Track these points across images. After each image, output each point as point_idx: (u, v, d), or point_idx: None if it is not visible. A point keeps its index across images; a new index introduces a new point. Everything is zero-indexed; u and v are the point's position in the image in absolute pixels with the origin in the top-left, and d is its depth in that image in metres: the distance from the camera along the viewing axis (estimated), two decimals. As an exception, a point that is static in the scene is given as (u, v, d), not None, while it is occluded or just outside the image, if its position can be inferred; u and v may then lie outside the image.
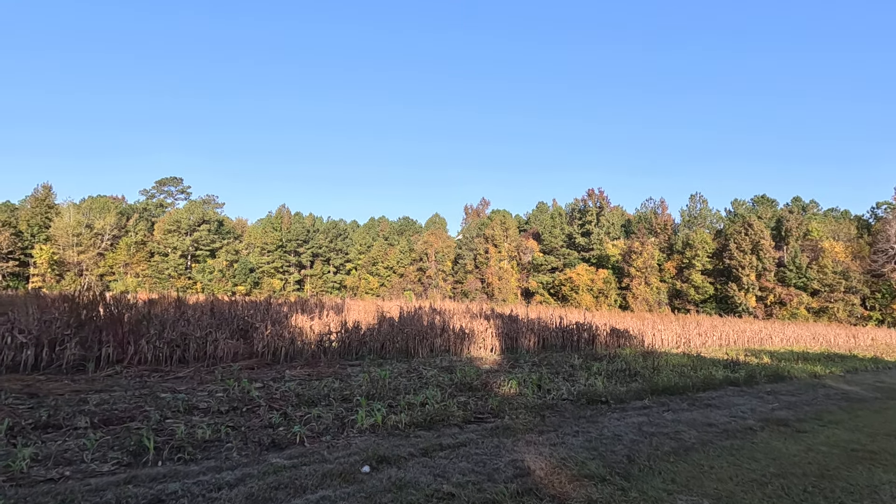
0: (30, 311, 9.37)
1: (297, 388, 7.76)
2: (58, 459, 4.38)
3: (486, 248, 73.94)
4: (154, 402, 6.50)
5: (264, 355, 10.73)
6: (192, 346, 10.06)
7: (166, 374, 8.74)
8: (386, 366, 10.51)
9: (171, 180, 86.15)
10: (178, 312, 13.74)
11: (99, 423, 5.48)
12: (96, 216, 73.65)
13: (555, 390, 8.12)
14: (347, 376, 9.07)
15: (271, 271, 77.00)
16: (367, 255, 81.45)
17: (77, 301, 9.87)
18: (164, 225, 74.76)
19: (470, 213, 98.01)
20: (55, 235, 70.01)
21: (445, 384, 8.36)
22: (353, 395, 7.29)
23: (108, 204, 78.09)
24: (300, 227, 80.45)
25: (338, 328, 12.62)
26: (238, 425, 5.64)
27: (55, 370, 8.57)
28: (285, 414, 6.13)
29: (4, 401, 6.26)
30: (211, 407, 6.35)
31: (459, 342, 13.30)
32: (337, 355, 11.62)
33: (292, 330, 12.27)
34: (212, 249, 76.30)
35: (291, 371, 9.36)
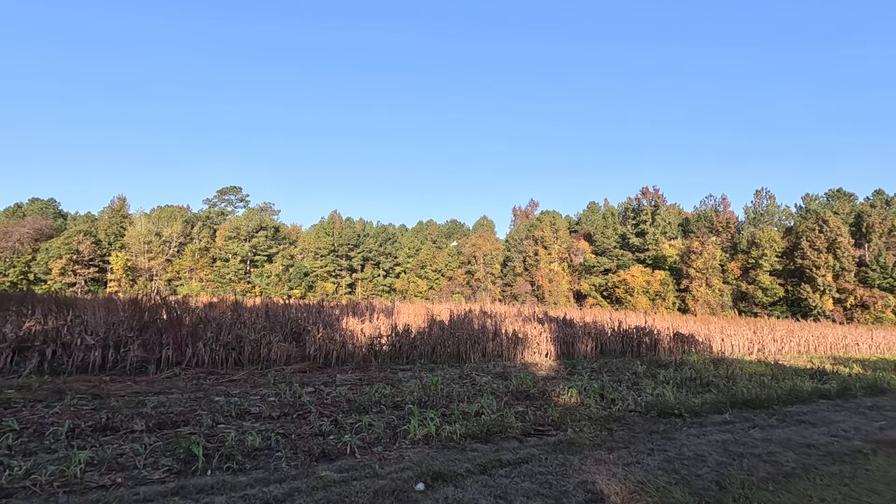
0: (98, 314, 9.76)
1: (347, 393, 7.56)
2: (111, 464, 4.32)
3: (536, 250, 72.56)
4: (207, 406, 6.47)
5: (316, 359, 10.69)
6: (246, 349, 10.15)
7: (221, 376, 8.81)
8: (437, 371, 10.19)
9: (231, 189, 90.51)
10: (234, 315, 14.06)
11: (154, 426, 5.46)
12: (164, 225, 78.44)
13: (620, 400, 7.47)
14: (398, 381, 8.81)
15: (324, 275, 79.07)
16: (416, 259, 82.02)
17: (140, 305, 10.20)
18: (224, 232, 78.57)
19: (518, 214, 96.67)
20: (129, 243, 75.20)
21: (500, 392, 7.91)
22: (405, 401, 7.00)
23: (174, 213, 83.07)
24: (351, 232, 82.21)
25: (388, 332, 12.44)
26: (288, 432, 5.46)
27: (120, 371, 8.85)
28: (336, 421, 5.91)
29: (70, 402, 6.42)
30: (262, 412, 6.23)
31: (512, 347, 12.79)
32: (388, 359, 11.43)
33: (343, 333, 12.20)
34: (269, 255, 79.38)
35: (342, 375, 9.22)
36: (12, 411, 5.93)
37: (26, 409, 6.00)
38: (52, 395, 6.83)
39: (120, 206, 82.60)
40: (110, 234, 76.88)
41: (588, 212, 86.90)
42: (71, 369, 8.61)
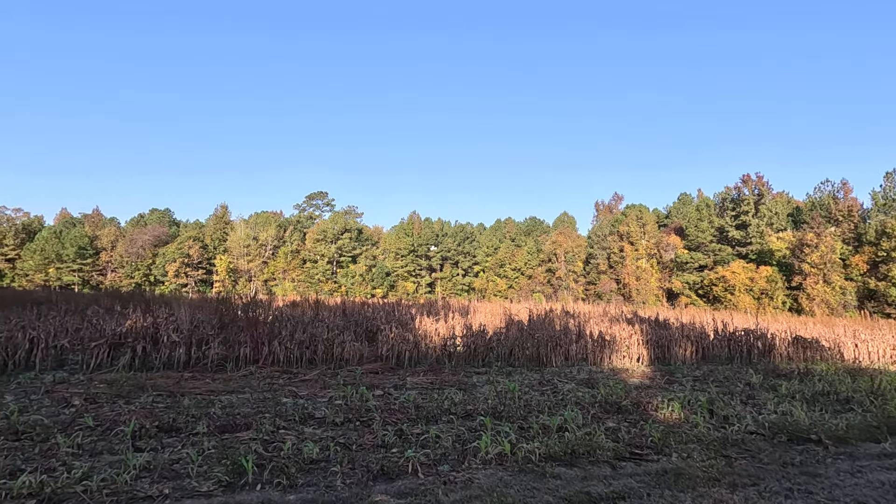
0: (183, 312, 10.16)
1: (417, 398, 7.05)
2: (164, 471, 4.10)
3: (621, 247, 68.59)
4: (273, 409, 6.25)
5: (388, 359, 10.36)
6: (320, 349, 10.06)
7: (294, 375, 8.72)
8: (515, 375, 9.41)
9: (319, 194, 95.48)
10: (313, 314, 14.24)
11: (216, 429, 5.28)
12: (261, 229, 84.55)
13: (735, 419, 6.23)
14: (472, 386, 8.17)
15: (405, 275, 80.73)
16: (495, 258, 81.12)
17: (221, 304, 10.48)
18: (313, 235, 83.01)
19: (601, 209, 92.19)
20: (230, 247, 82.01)
21: (587, 402, 6.97)
22: (477, 410, 6.33)
23: (269, 218, 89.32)
24: (430, 232, 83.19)
25: (463, 332, 11.85)
26: (349, 442, 5.02)
27: (201, 368, 9.07)
28: (401, 431, 5.38)
29: (147, 399, 6.51)
30: (326, 417, 5.87)
31: (599, 350, 11.63)
32: (462, 361, 10.84)
33: (417, 333, 11.81)
34: (353, 255, 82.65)
35: (413, 378, 8.75)
36: (95, 406, 6.09)
37: (107, 406, 6.14)
38: (134, 390, 7.02)
39: (223, 214, 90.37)
40: (215, 239, 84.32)
41: (679, 204, 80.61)
42: (158, 365, 8.96)
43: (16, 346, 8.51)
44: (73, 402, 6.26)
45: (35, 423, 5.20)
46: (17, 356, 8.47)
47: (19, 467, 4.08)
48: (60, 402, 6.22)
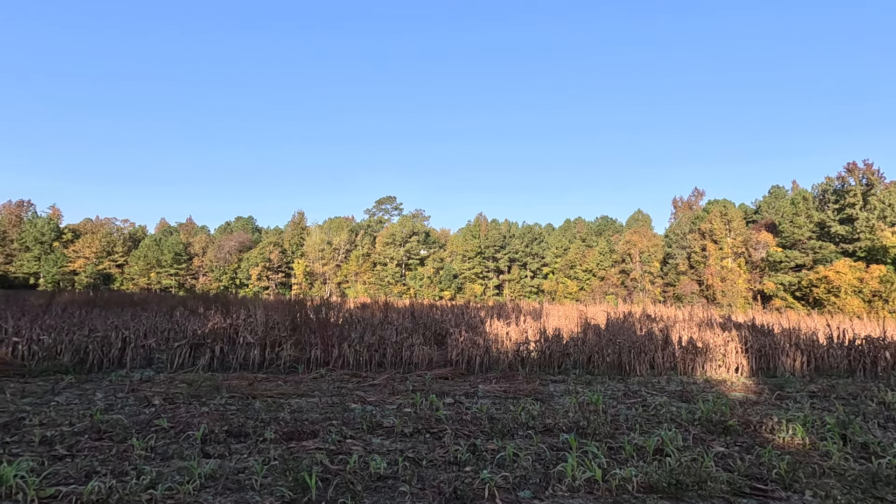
0: (259, 314, 10.37)
1: (490, 408, 6.55)
2: (228, 483, 3.91)
3: (704, 245, 63.86)
4: (341, 415, 6.02)
5: (458, 364, 9.94)
6: (388, 352, 9.85)
7: (363, 379, 8.53)
8: (596, 385, 8.63)
9: (387, 199, 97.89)
10: (382, 316, 14.17)
11: (284, 436, 5.09)
12: (334, 234, 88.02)
13: (881, 448, 5.12)
14: (549, 396, 7.53)
15: (472, 277, 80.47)
16: (564, 259, 78.69)
17: (293, 306, 10.59)
18: (382, 238, 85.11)
19: (680, 206, 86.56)
20: (307, 251, 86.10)
21: (684, 420, 6.11)
22: (558, 424, 5.72)
23: (342, 223, 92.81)
24: (496, 234, 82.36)
25: (536, 336, 11.18)
26: (419, 457, 4.62)
27: (274, 370, 9.16)
28: (474, 447, 4.90)
29: (220, 401, 6.54)
30: (395, 426, 5.53)
31: (689, 358, 10.49)
32: (536, 367, 10.18)
33: (488, 337, 11.30)
34: (421, 258, 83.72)
35: (485, 385, 8.25)
36: (172, 407, 6.18)
37: (183, 407, 6.21)
38: (210, 391, 7.11)
39: (299, 220, 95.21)
40: (293, 244, 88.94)
41: (770, 198, 73.75)
42: (235, 366, 9.15)
43: (110, 344, 9.04)
44: (154, 401, 6.41)
45: (116, 422, 5.29)
46: (111, 354, 8.98)
47: (95, 469, 4.08)
48: (142, 402, 6.39)
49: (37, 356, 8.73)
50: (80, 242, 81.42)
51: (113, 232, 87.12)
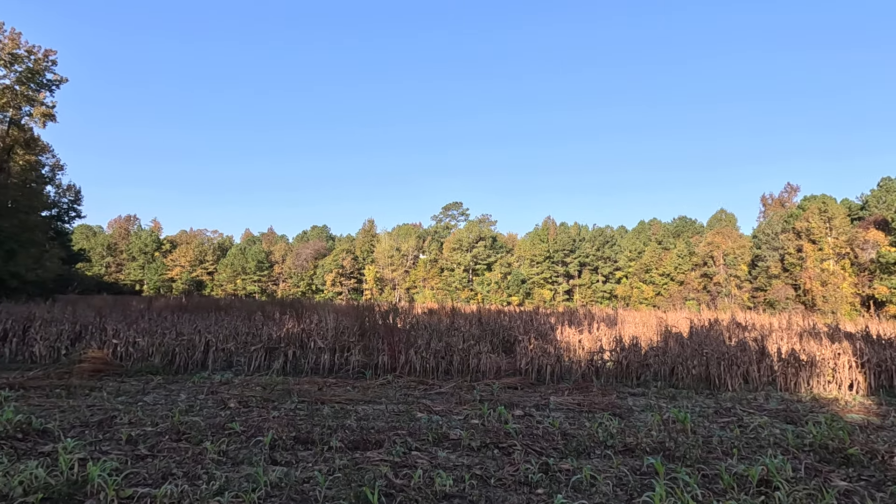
0: (329, 319, 10.58)
1: (563, 423, 6.12)
2: (292, 493, 3.84)
3: (799, 246, 58.06)
4: (407, 425, 5.86)
5: (528, 373, 9.52)
6: (455, 359, 9.64)
7: (430, 387, 8.38)
8: (681, 400, 7.87)
9: (454, 205, 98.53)
10: (450, 322, 14.02)
11: (349, 445, 5.01)
12: (402, 240, 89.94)
13: None
14: (629, 411, 6.93)
15: (541, 282, 78.76)
16: (639, 262, 74.86)
17: (361, 311, 10.70)
18: (449, 244, 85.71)
19: (770, 203, 79.43)
20: (377, 258, 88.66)
21: (792, 445, 5.32)
22: (641, 444, 5.18)
23: (409, 230, 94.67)
24: (566, 237, 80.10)
25: (611, 345, 10.49)
26: (486, 475, 4.33)
27: (343, 374, 9.26)
28: (546, 466, 4.53)
29: (290, 406, 6.63)
30: (461, 439, 5.28)
31: (792, 373, 9.33)
32: (612, 378, 9.53)
33: (559, 345, 10.77)
34: (488, 263, 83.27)
35: (557, 397, 7.79)
36: (245, 410, 6.34)
37: (255, 410, 6.35)
38: (281, 395, 7.26)
39: (370, 227, 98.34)
40: (363, 250, 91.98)
41: (880, 191, 65.49)
42: (306, 370, 9.36)
43: (194, 347, 9.59)
44: (230, 404, 6.62)
45: (193, 424, 5.49)
46: (195, 357, 9.52)
47: (171, 471, 4.19)
48: (219, 404, 6.63)
49: (132, 357, 9.45)
50: (176, 252, 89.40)
51: (204, 242, 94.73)
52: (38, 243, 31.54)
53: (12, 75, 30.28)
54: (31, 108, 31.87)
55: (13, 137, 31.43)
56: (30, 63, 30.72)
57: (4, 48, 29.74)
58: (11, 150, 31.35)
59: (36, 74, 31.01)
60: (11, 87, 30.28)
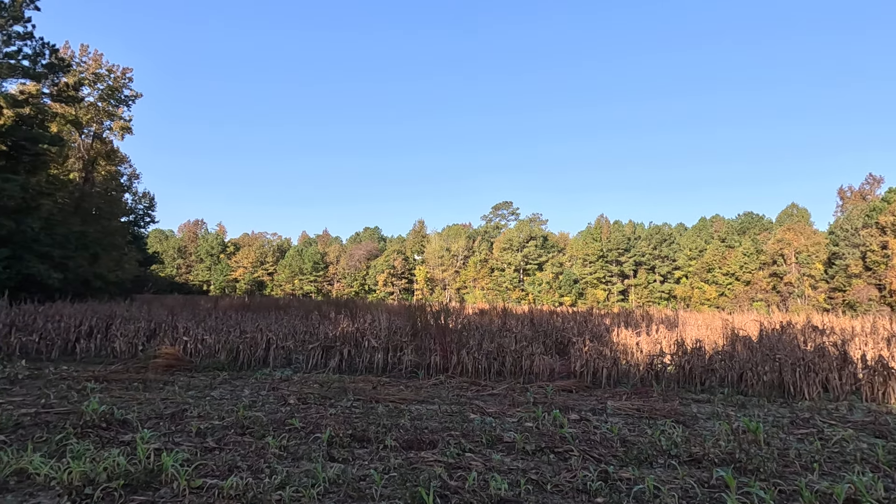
0: (382, 319, 10.76)
1: (622, 429, 5.88)
2: (349, 490, 3.91)
3: (884, 242, 53.07)
4: (460, 426, 5.84)
5: (583, 376, 9.26)
6: (507, 360, 9.53)
7: (482, 388, 8.32)
8: (752, 408, 7.38)
9: (504, 204, 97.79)
10: (500, 323, 13.90)
11: (403, 444, 5.05)
12: (452, 241, 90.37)
13: None
14: (693, 419, 6.57)
15: (594, 282, 76.70)
16: (700, 261, 71.20)
17: (413, 312, 10.80)
18: (499, 244, 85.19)
19: (849, 196, 73.12)
20: (427, 258, 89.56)
21: (883, 462, 4.84)
22: (708, 455, 4.88)
23: (459, 230, 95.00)
24: (620, 236, 77.52)
25: (672, 348, 10.01)
26: (542, 480, 4.22)
27: (396, 374, 9.38)
28: (606, 474, 4.36)
29: (346, 404, 6.79)
30: (515, 442, 5.19)
31: (880, 381, 8.51)
32: (674, 384, 9.08)
33: (615, 347, 10.41)
34: (539, 263, 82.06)
35: (615, 401, 7.51)
36: (304, 407, 6.55)
37: (314, 407, 6.55)
38: (338, 393, 7.45)
39: (420, 228, 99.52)
40: (414, 251, 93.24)
41: (983, 181, 58.73)
42: (361, 368, 9.57)
43: (256, 345, 10.03)
44: (289, 400, 6.87)
45: (256, 419, 5.73)
46: (257, 354, 9.96)
47: (236, 464, 4.38)
48: (279, 401, 6.88)
49: (200, 354, 10.02)
50: (239, 254, 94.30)
51: (264, 244, 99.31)
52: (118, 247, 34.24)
53: (95, 93, 33.05)
54: (111, 122, 34.65)
55: (96, 150, 34.29)
56: (110, 81, 33.41)
57: (89, 69, 32.51)
58: (95, 162, 34.22)
59: (115, 91, 33.67)
60: (94, 103, 33.05)
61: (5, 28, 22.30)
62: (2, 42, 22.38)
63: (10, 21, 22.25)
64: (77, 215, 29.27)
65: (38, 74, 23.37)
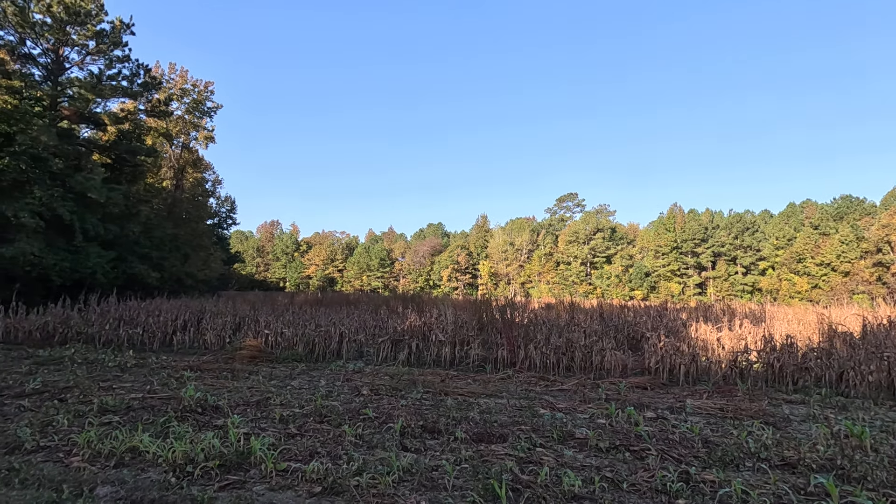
0: (448, 314, 10.88)
1: (704, 429, 5.57)
2: (423, 480, 4.01)
3: None
4: (530, 421, 5.79)
5: (658, 372, 8.84)
6: (577, 356, 9.31)
7: (551, 383, 8.19)
8: (854, 410, 6.70)
9: (569, 196, 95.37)
10: (569, 317, 13.60)
11: (473, 437, 5.09)
12: (516, 235, 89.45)
13: None
14: (784, 421, 6.08)
15: (667, 275, 72.85)
16: (789, 251, 65.42)
17: (479, 306, 10.82)
18: (565, 237, 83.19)
19: (973, 174, 63.96)
20: (491, 253, 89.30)
21: None
22: (804, 460, 4.50)
23: (523, 224, 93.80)
24: (696, 226, 72.97)
25: (758, 344, 9.31)
26: (618, 478, 4.10)
27: (463, 368, 9.46)
28: (687, 475, 4.15)
29: (416, 396, 6.94)
30: (588, 439, 5.07)
31: None
32: (761, 382, 8.43)
33: (693, 343, 9.85)
34: (607, 256, 79.24)
35: (694, 400, 7.11)
36: (377, 398, 6.78)
37: (385, 398, 6.77)
38: (408, 385, 7.64)
39: (483, 223, 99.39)
40: (477, 246, 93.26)
41: None
42: (429, 362, 9.74)
43: (330, 338, 10.51)
44: (363, 391, 7.14)
45: (332, 409, 6.01)
46: (331, 347, 10.43)
47: (316, 450, 4.62)
48: (353, 391, 7.18)
49: (280, 346, 10.65)
50: (311, 252, 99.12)
51: (334, 242, 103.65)
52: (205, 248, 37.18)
53: (182, 107, 35.98)
54: (196, 133, 37.58)
55: (185, 159, 37.36)
56: (194, 95, 36.22)
57: (176, 84, 35.44)
58: (184, 170, 37.32)
59: (199, 104, 36.46)
60: (182, 116, 35.99)
61: (107, 53, 24.82)
62: (105, 66, 24.93)
63: (111, 46, 24.73)
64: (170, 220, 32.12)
65: (134, 93, 25.82)
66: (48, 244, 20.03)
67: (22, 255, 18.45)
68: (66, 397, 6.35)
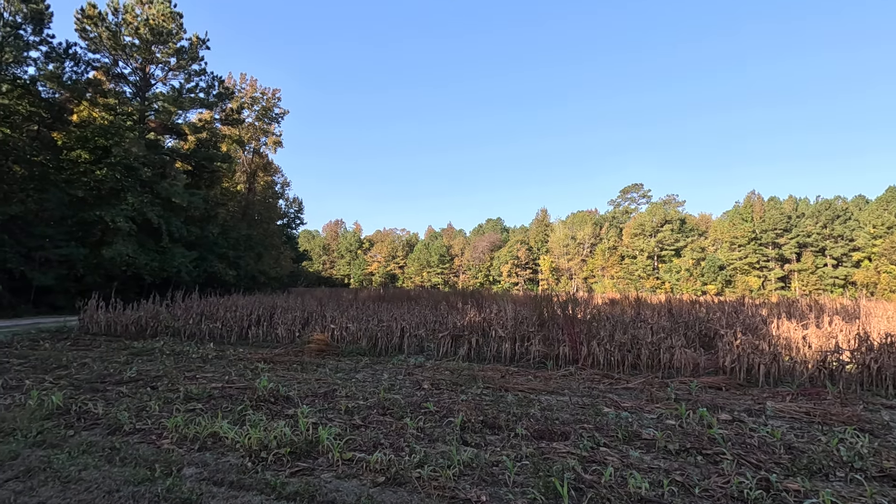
0: (508, 309, 10.79)
1: (787, 433, 5.16)
2: (483, 475, 4.02)
3: None
4: (593, 419, 5.64)
5: (734, 372, 8.29)
6: (643, 353, 8.92)
7: (615, 381, 7.91)
8: (971, 419, 5.93)
9: (633, 187, 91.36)
10: (635, 313, 13.08)
11: (534, 434, 5.04)
12: (577, 229, 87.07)
13: None
14: (884, 428, 5.51)
15: (745, 268, 67.98)
16: (888, 240, 58.84)
17: (541, 301, 10.65)
18: (630, 230, 79.84)
19: None
20: (551, 248, 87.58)
21: None
22: (906, 472, 4.05)
23: (584, 217, 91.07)
24: (777, 214, 67.45)
25: (853, 344, 8.48)
26: (689, 483, 3.89)
27: (524, 363, 9.35)
28: (767, 482, 3.87)
29: (475, 391, 6.96)
30: (656, 440, 4.86)
31: None
32: (854, 385, 7.68)
33: (774, 342, 9.15)
34: (676, 249, 75.26)
35: (776, 402, 6.60)
36: (437, 393, 6.88)
37: (446, 393, 6.84)
38: (468, 380, 7.67)
39: (543, 217, 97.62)
40: (538, 241, 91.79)
41: None
42: (488, 357, 9.73)
43: (391, 333, 10.76)
44: (423, 385, 7.26)
45: (395, 402, 6.17)
46: (393, 341, 10.69)
47: (379, 441, 4.77)
48: (414, 385, 7.32)
49: (345, 340, 11.06)
50: (374, 250, 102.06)
51: (395, 240, 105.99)
52: (276, 247, 39.31)
53: (253, 114, 38.15)
54: (266, 139, 39.71)
55: (256, 163, 39.62)
56: (263, 102, 38.28)
57: (247, 93, 37.62)
58: (255, 174, 39.58)
59: (268, 111, 38.49)
60: (252, 123, 38.18)
61: (186, 68, 26.81)
62: (184, 80, 26.97)
63: (190, 61, 26.69)
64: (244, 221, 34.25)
65: (210, 104, 27.72)
66: (140, 245, 22.03)
67: (119, 256, 20.43)
68: (157, 385, 6.96)
